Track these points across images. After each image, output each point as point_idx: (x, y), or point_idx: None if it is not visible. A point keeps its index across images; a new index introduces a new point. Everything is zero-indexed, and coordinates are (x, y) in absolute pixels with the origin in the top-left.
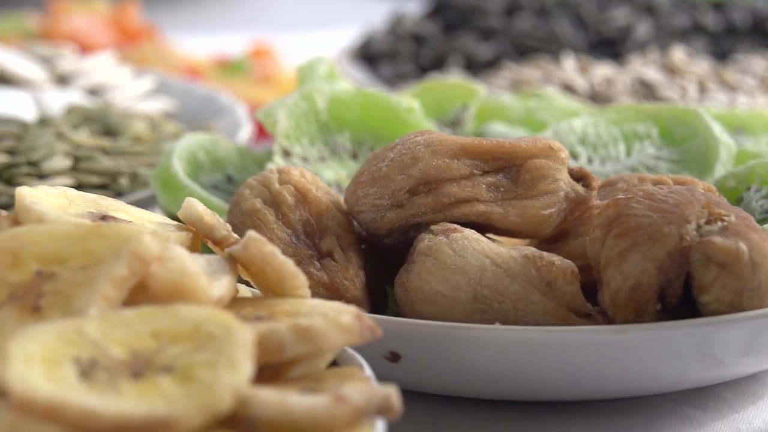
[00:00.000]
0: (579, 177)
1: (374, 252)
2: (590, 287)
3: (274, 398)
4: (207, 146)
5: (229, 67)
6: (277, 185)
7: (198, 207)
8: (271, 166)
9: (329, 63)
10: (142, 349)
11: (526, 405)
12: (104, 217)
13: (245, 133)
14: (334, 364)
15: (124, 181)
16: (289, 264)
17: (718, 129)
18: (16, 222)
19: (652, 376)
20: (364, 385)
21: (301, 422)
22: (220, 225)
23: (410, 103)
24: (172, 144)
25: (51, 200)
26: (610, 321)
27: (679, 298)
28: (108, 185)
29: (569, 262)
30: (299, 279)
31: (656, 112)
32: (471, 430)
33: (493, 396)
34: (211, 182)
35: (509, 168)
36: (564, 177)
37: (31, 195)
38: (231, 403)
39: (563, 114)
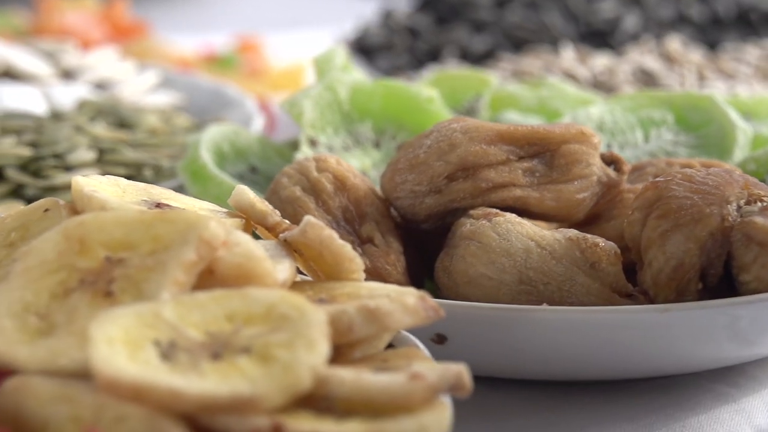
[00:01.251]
0: (610, 161)
1: (408, 238)
2: (625, 268)
3: (351, 377)
4: (230, 137)
5: (218, 62)
6: (315, 173)
7: (249, 194)
8: (299, 155)
9: (343, 54)
10: (218, 331)
11: (567, 385)
12: (159, 205)
13: (258, 124)
14: (389, 346)
15: (148, 173)
16: (347, 248)
17: (734, 114)
18: (73, 210)
19: (691, 354)
20: (435, 364)
21: (378, 399)
22: (272, 211)
23: (430, 93)
24: (197, 135)
25: (106, 189)
26: (651, 301)
27: (720, 277)
28: (133, 177)
29: (612, 243)
30: (356, 262)
31: (670, 99)
32: (515, 409)
33: (538, 376)
34: (236, 172)
35: (543, 153)
36: (596, 161)
37: (89, 184)
38: (310, 382)
39: (576, 102)
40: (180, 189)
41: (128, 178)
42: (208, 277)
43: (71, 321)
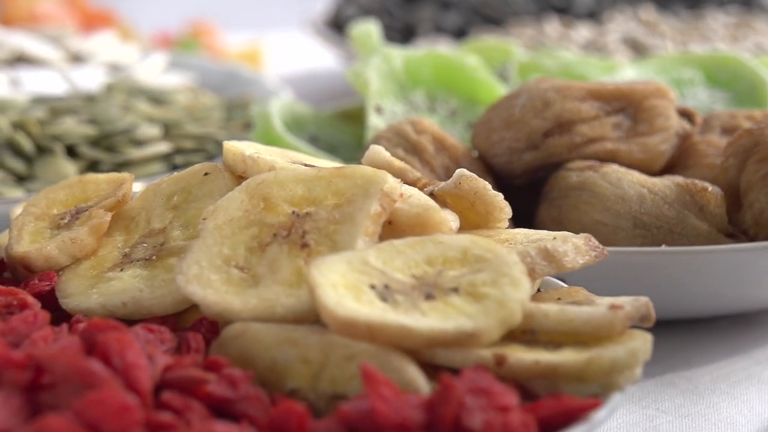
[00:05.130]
0: (683, 114)
1: None
2: None
3: (555, 310)
4: (290, 109)
5: (178, 46)
6: (414, 135)
7: (385, 153)
8: (371, 122)
9: (377, 29)
10: (422, 274)
11: (666, 323)
12: (306, 165)
13: (287, 98)
14: None
15: (210, 146)
16: (499, 197)
17: (763, 71)
18: (232, 173)
19: None
20: (613, 299)
21: (581, 330)
22: (409, 168)
23: (475, 62)
24: (262, 107)
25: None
26: (751, 240)
27: None
28: (198, 150)
29: (717, 187)
30: (506, 211)
31: (697, 60)
32: None
33: None
34: (301, 140)
35: (627, 108)
36: (674, 115)
37: (248, 148)
38: (521, 316)
39: (599, 67)
40: None
41: (195, 150)
42: (387, 228)
43: (274, 271)
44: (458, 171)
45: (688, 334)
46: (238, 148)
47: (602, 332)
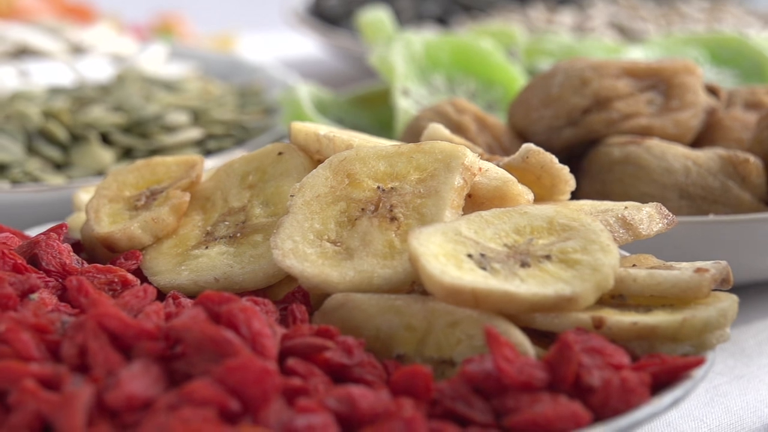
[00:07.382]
0: (709, 90)
1: None
2: None
3: (644, 274)
4: (314, 94)
5: (152, 36)
6: (456, 115)
7: (445, 131)
8: (400, 105)
9: (388, 17)
10: (513, 243)
11: None
12: None
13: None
14: None
15: (237, 131)
16: (565, 170)
17: (766, 49)
18: (306, 153)
19: None
20: (705, 261)
21: (669, 293)
22: (470, 144)
23: (490, 46)
24: (288, 93)
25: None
26: None
27: None
28: (226, 135)
29: (756, 158)
30: (571, 184)
31: (700, 40)
32: None
33: None
34: (330, 123)
35: (659, 85)
36: (701, 91)
37: (320, 128)
38: (613, 280)
39: (603, 49)
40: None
41: (225, 136)
42: (467, 200)
43: (366, 244)
44: (525, 145)
45: None
46: (311, 128)
47: (689, 294)
